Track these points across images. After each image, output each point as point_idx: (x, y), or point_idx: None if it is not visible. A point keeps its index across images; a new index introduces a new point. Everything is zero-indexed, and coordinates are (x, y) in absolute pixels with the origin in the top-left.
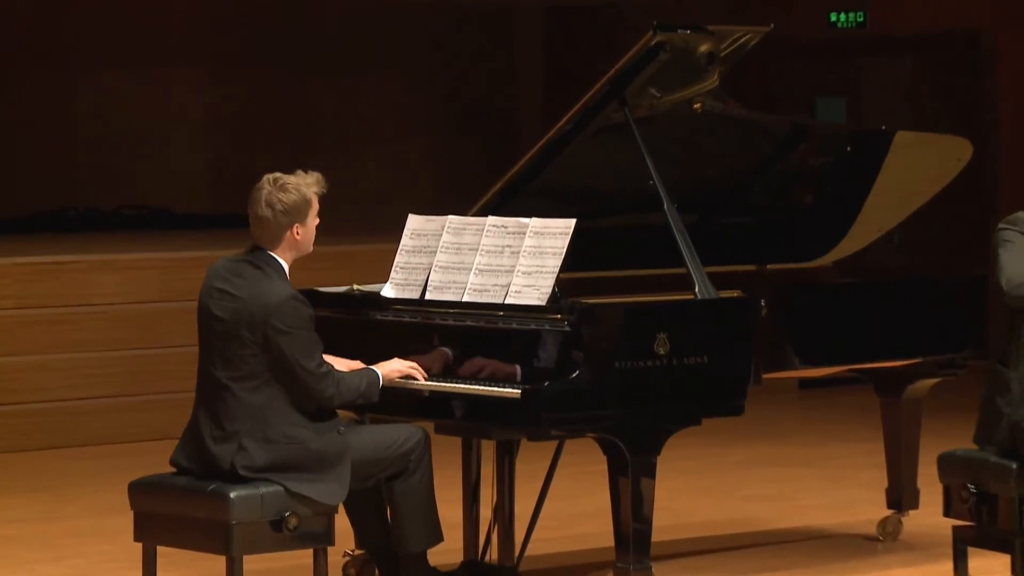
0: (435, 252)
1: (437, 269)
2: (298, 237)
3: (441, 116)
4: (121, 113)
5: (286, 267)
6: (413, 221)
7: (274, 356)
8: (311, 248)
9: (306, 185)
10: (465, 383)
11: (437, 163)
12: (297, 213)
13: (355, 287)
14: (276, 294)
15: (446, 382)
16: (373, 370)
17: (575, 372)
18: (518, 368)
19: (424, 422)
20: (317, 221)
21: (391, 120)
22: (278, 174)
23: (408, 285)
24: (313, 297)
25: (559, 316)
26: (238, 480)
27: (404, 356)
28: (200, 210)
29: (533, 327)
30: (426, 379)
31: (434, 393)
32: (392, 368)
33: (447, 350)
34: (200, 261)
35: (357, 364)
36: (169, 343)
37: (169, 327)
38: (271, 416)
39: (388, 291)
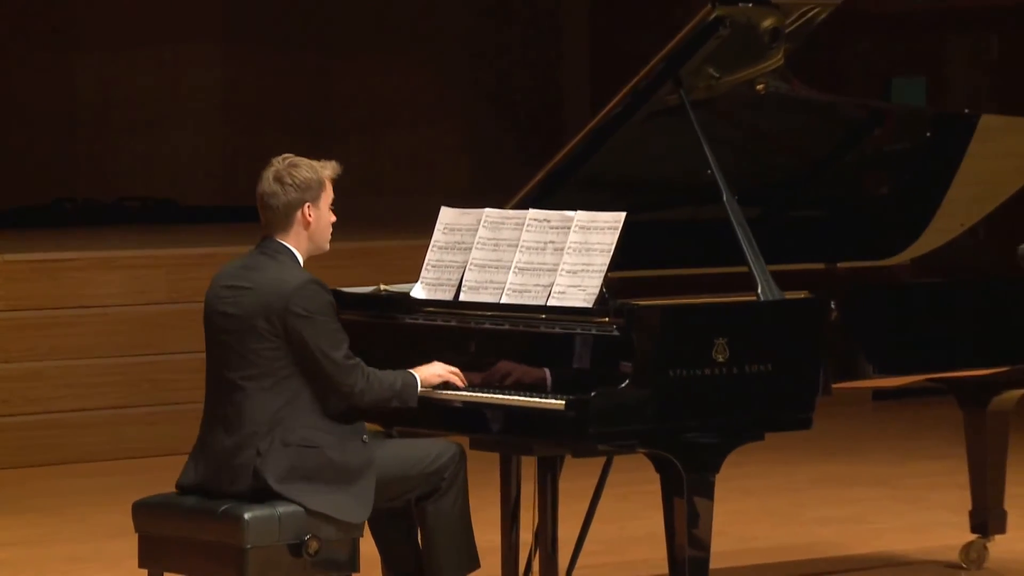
0: (470, 249)
1: (473, 267)
2: (310, 219)
3: (476, 100)
4: (123, 96)
5: (300, 257)
6: (446, 214)
7: (296, 346)
8: (326, 244)
9: (320, 166)
10: (503, 393)
11: (472, 151)
12: (308, 190)
13: (381, 287)
14: (293, 278)
15: (481, 392)
16: (410, 372)
17: (625, 381)
18: (559, 377)
19: (458, 436)
20: (332, 217)
21: (421, 105)
22: (290, 155)
23: (440, 285)
24: (334, 298)
25: (607, 319)
26: (253, 499)
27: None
28: (210, 202)
29: (579, 332)
30: (466, 386)
31: (468, 404)
32: (432, 372)
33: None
34: (210, 258)
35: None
36: (176, 349)
37: (176, 331)
38: (288, 417)
39: (418, 291)
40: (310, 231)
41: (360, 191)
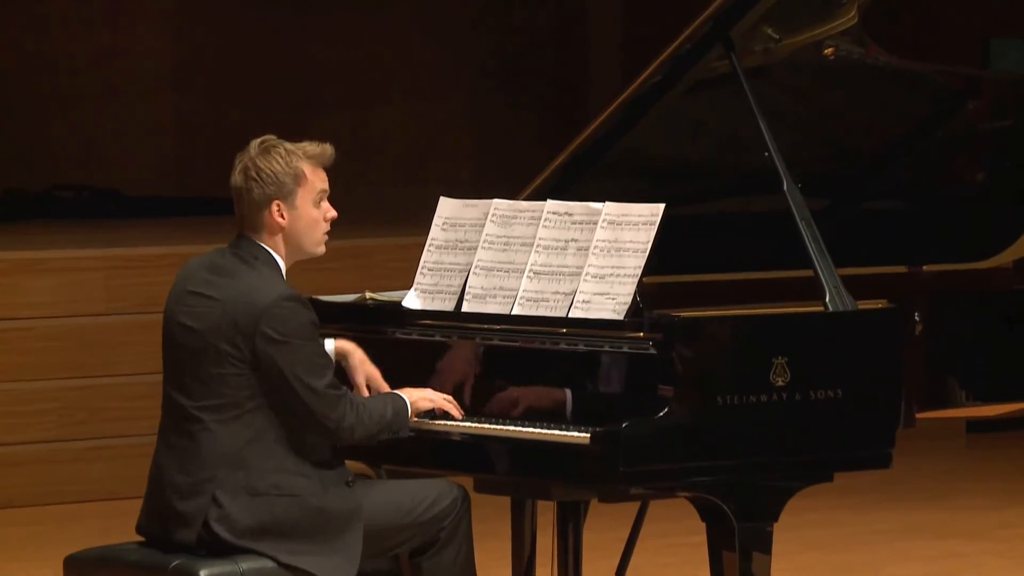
0: (475, 248)
1: (478, 271)
2: (282, 221)
3: (482, 69)
4: (55, 63)
5: (281, 262)
6: (446, 207)
7: (268, 375)
8: (318, 247)
9: (301, 155)
10: (514, 424)
11: (477, 131)
12: (277, 187)
13: (368, 295)
14: (266, 292)
15: (488, 423)
16: (399, 395)
17: (664, 410)
18: (583, 405)
19: (461, 477)
20: (330, 212)
21: (418, 75)
22: (271, 137)
23: (439, 293)
24: (313, 306)
25: (642, 334)
26: (212, 550)
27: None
28: (160, 192)
29: (607, 349)
30: (468, 416)
31: (471, 437)
32: (422, 395)
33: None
34: (161, 261)
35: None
36: (119, 370)
37: (119, 349)
38: (255, 458)
39: (412, 300)
40: (286, 234)
41: (342, 178)
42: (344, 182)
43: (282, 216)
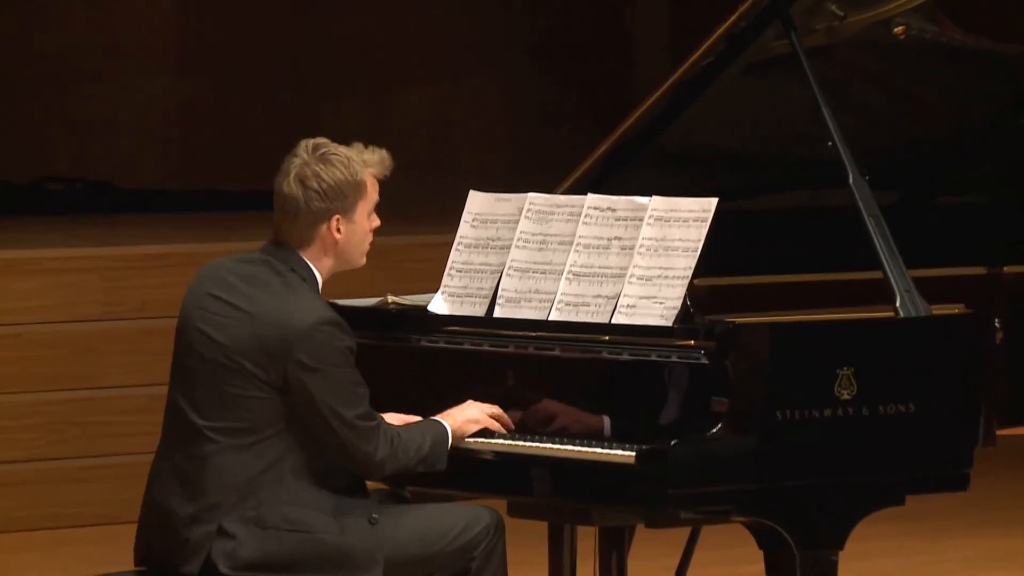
0: (508, 247)
1: (512, 273)
2: (338, 236)
3: (516, 47)
4: (44, 43)
5: (319, 278)
6: (476, 201)
7: (298, 403)
8: (361, 260)
9: (361, 162)
10: (551, 442)
11: (510, 116)
12: (340, 198)
13: (390, 299)
14: (305, 314)
15: (523, 440)
16: (439, 422)
17: (717, 426)
18: (628, 420)
19: (494, 500)
20: (376, 222)
21: (442, 54)
22: (324, 140)
23: (468, 296)
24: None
25: (693, 342)
26: None
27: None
28: (163, 184)
29: (654, 359)
30: (512, 429)
31: (504, 456)
32: (465, 418)
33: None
34: (162, 261)
35: (407, 419)
36: (117, 381)
37: (116, 357)
38: (268, 488)
39: (439, 305)
40: (338, 249)
41: None
42: None
43: (339, 231)
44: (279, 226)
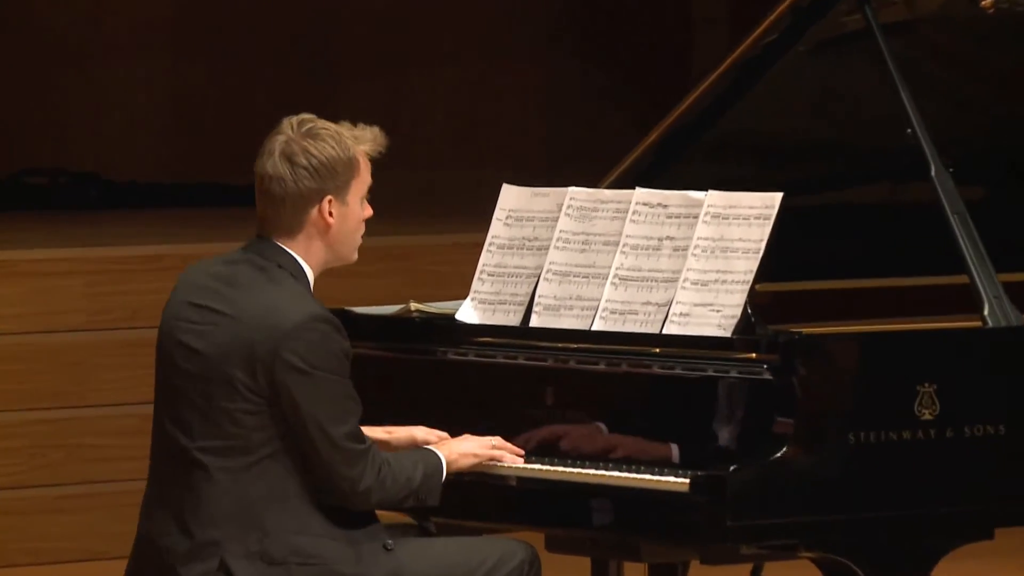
0: (546, 249)
1: (550, 277)
2: (331, 220)
3: (556, 23)
4: (25, 23)
5: (310, 273)
6: (510, 196)
7: (285, 411)
8: (353, 254)
9: (353, 138)
10: (594, 467)
11: (549, 101)
12: (332, 175)
13: (412, 306)
14: (294, 310)
15: (561, 465)
16: (433, 452)
17: (781, 449)
18: (681, 443)
19: (528, 532)
20: (368, 211)
21: (472, 31)
22: (310, 115)
23: (501, 304)
24: (343, 320)
25: (754, 356)
26: None
27: (494, 426)
28: (155, 178)
29: (711, 374)
30: (542, 458)
31: (539, 483)
32: (463, 451)
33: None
34: (155, 263)
35: (410, 436)
36: (104, 398)
37: (104, 372)
38: (272, 516)
39: (468, 313)
40: (330, 236)
41: (376, 161)
42: (379, 165)
43: (331, 214)
44: (263, 216)
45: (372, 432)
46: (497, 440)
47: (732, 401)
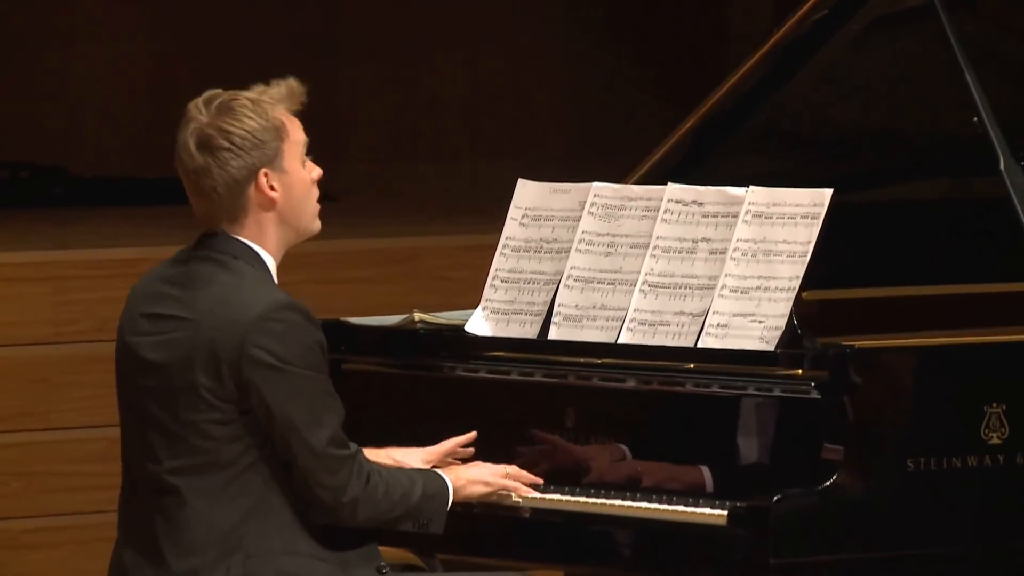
0: (567, 252)
1: (572, 284)
2: (274, 194)
3: (573, 4)
4: None
5: (269, 260)
6: (526, 193)
7: (256, 413)
8: (314, 223)
9: (269, 99)
10: (620, 498)
11: (571, 87)
12: (258, 148)
13: (417, 316)
14: (256, 299)
15: (583, 495)
16: (437, 474)
17: (831, 478)
18: (719, 470)
19: (544, 569)
20: (316, 171)
21: (488, 10)
22: (216, 90)
23: (516, 313)
24: (339, 333)
25: (801, 372)
26: None
27: (507, 451)
28: (131, 172)
29: (752, 393)
30: (560, 487)
31: (558, 515)
32: (472, 477)
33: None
34: (129, 268)
35: (411, 459)
36: (73, 420)
37: (72, 389)
38: (255, 537)
39: (479, 324)
40: (279, 211)
41: (377, 153)
42: (380, 157)
43: (272, 188)
44: (201, 213)
45: (374, 455)
46: (512, 469)
47: (775, 423)
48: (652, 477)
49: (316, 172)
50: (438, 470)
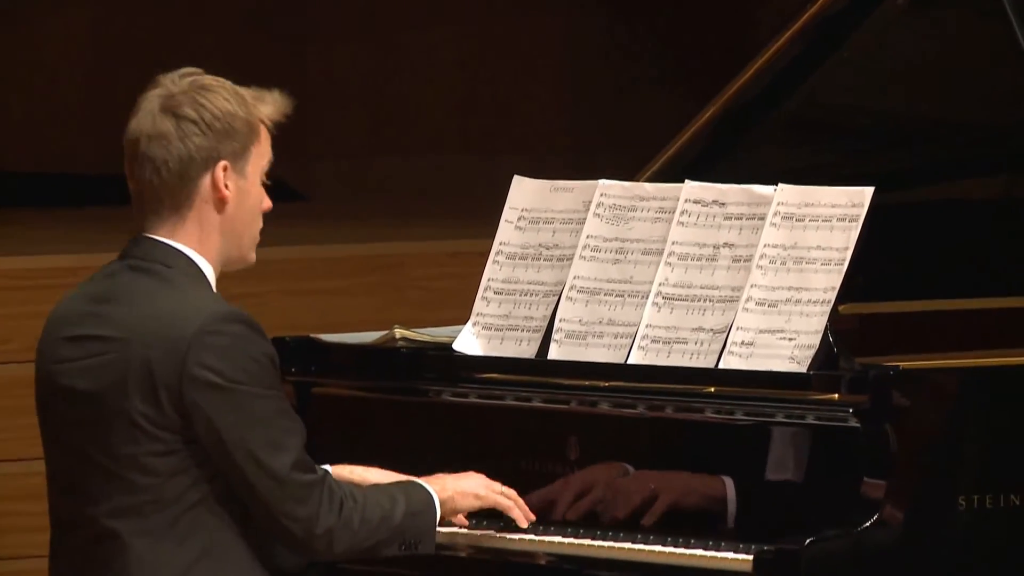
0: (570, 259)
1: (575, 296)
2: (226, 192)
3: None
4: None
5: (208, 269)
6: (523, 192)
7: (203, 441)
8: (250, 252)
9: (253, 97)
10: (631, 540)
11: (575, 71)
12: (227, 135)
13: (398, 333)
14: (193, 313)
15: (589, 537)
16: (420, 485)
17: (872, 517)
18: (743, 508)
19: None
20: (265, 202)
21: None
22: (191, 68)
23: (512, 330)
24: (309, 351)
25: (837, 396)
26: None
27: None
28: (71, 168)
29: (781, 420)
30: (532, 521)
31: (561, 559)
32: (462, 489)
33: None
34: (68, 278)
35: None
36: (7, 451)
37: (6, 416)
38: None
39: (469, 342)
40: (225, 217)
41: (354, 146)
42: (357, 151)
43: (226, 185)
44: (140, 200)
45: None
46: (510, 492)
47: (808, 455)
48: (668, 517)
49: (267, 203)
50: (421, 481)
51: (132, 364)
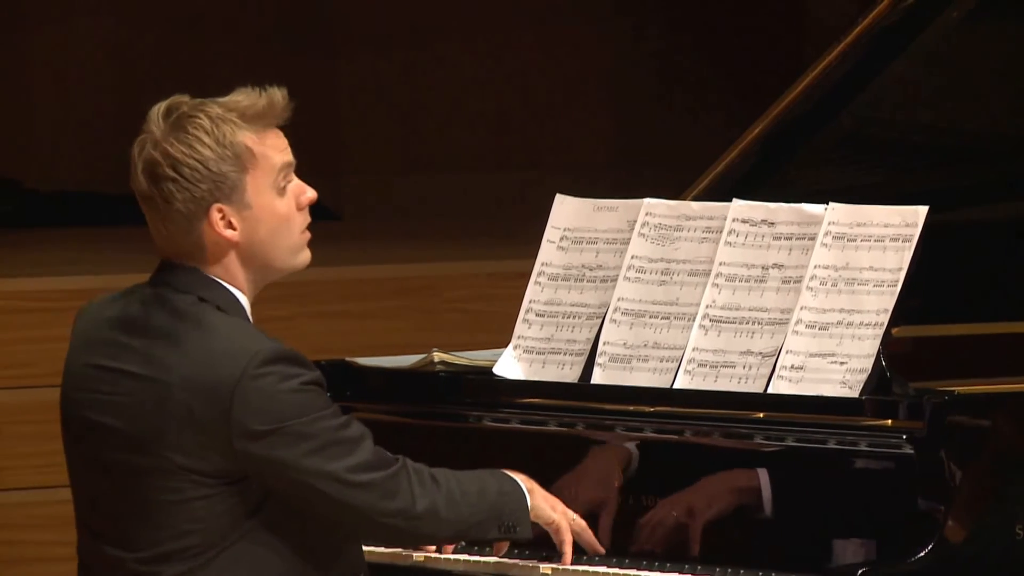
0: (613, 281)
1: (619, 318)
2: (231, 234)
3: None
4: None
5: (242, 298)
6: (565, 211)
7: (273, 482)
8: (298, 255)
9: (236, 120)
10: (679, 570)
11: (618, 87)
12: (212, 183)
13: (437, 357)
14: (232, 359)
15: (634, 567)
16: (511, 478)
17: (928, 545)
18: (793, 537)
19: None
20: (305, 193)
21: None
22: (182, 97)
23: (554, 353)
24: (344, 376)
25: (890, 422)
26: None
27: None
28: (95, 187)
29: (833, 447)
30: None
31: None
32: (546, 493)
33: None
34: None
35: None
36: (20, 481)
37: (21, 444)
38: None
39: (509, 365)
40: (243, 250)
41: (384, 161)
42: (388, 167)
43: (231, 226)
44: (159, 241)
45: None
46: (579, 520)
47: (861, 482)
48: (716, 545)
49: (307, 195)
50: (507, 471)
51: (170, 411)
